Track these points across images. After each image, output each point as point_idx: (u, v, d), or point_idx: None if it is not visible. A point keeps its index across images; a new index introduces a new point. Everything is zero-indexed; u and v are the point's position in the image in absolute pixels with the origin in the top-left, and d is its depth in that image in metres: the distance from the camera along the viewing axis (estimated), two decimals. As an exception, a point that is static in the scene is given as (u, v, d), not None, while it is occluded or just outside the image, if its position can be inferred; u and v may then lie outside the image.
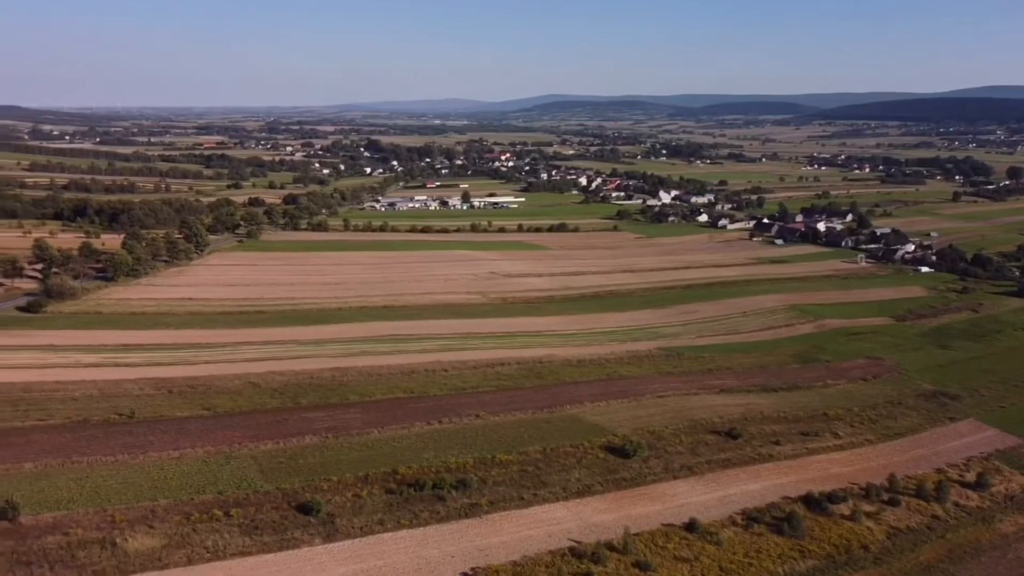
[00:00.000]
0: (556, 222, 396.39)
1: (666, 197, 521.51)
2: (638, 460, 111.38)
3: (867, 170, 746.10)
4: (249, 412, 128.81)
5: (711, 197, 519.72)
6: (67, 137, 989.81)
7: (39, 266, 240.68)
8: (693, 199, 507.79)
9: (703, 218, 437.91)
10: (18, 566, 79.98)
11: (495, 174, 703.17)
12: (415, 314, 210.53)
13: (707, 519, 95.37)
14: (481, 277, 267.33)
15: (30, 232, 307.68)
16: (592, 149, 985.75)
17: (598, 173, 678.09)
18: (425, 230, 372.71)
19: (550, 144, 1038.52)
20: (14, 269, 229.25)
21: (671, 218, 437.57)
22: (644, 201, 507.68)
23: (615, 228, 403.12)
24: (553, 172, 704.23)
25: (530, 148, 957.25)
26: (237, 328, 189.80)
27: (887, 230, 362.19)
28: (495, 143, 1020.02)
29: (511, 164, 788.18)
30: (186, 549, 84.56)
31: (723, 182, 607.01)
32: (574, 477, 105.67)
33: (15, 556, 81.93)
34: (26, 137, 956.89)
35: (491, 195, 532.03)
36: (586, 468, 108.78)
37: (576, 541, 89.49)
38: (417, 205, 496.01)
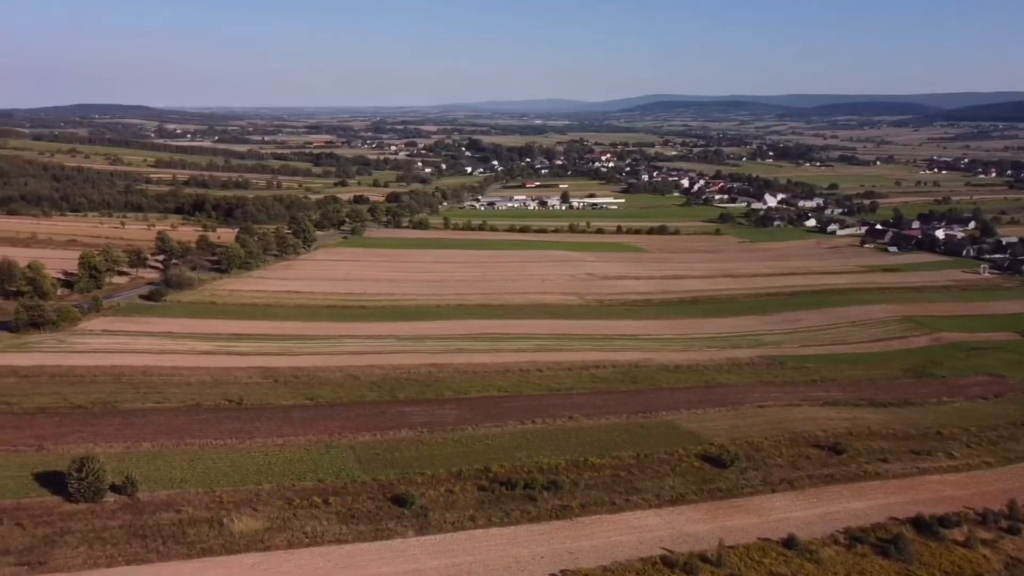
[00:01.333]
0: (656, 224, 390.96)
1: (772, 200, 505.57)
2: (735, 471, 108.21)
3: (993, 174, 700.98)
4: (349, 404, 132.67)
5: (820, 201, 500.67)
6: (189, 136, 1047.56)
7: (161, 257, 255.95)
8: (800, 203, 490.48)
9: (811, 223, 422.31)
10: (135, 539, 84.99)
11: (595, 175, 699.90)
12: (511, 313, 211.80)
13: (807, 536, 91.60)
14: (578, 278, 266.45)
15: (154, 225, 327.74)
16: (695, 150, 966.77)
17: (701, 175, 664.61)
18: (523, 230, 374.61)
19: (652, 145, 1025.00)
20: (139, 259, 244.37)
21: (776, 222, 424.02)
22: (748, 204, 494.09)
23: (717, 232, 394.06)
24: (654, 173, 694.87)
25: (631, 149, 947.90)
26: (340, 322, 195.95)
27: (1014, 239, 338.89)
28: (596, 143, 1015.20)
29: (611, 165, 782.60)
30: (287, 533, 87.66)
31: (833, 186, 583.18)
32: (668, 485, 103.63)
33: (132, 529, 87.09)
34: (152, 136, 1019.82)
35: (590, 196, 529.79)
36: (680, 476, 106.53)
37: (668, 550, 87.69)
38: (516, 205, 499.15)
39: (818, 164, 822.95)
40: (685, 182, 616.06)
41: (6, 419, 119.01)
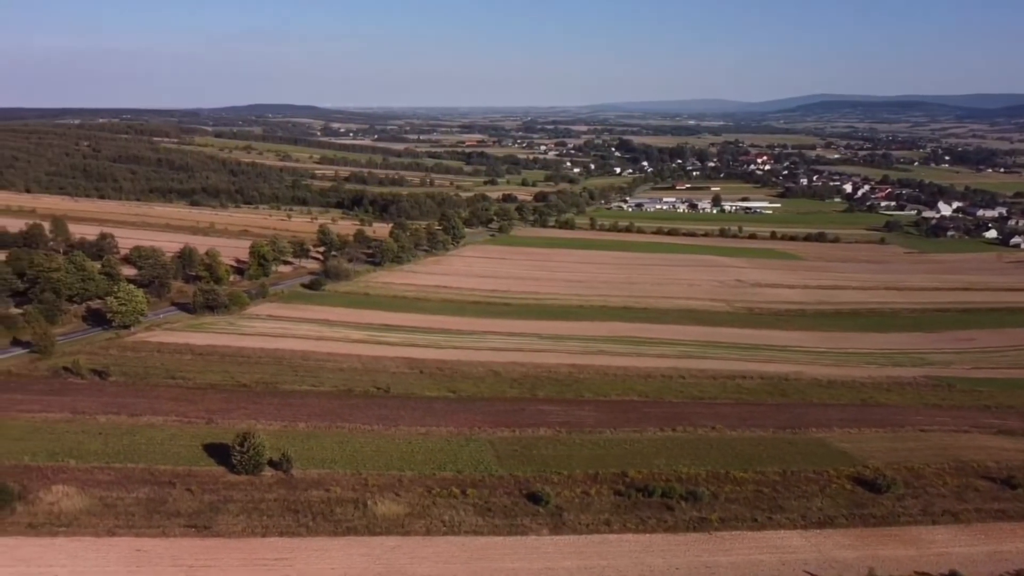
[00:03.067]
0: (814, 231, 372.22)
1: (946, 209, 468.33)
2: (891, 497, 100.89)
3: None
4: (490, 399, 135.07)
5: (1003, 211, 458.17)
6: (351, 134, 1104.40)
7: (321, 249, 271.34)
8: (980, 212, 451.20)
9: (991, 234, 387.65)
10: (288, 512, 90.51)
11: (749, 177, 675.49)
12: (655, 317, 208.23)
13: (971, 574, 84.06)
14: (727, 284, 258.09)
15: (316, 218, 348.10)
16: (861, 153, 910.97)
17: (865, 180, 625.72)
18: (672, 232, 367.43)
19: (813, 147, 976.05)
20: (302, 250, 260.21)
21: (950, 232, 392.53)
22: (919, 212, 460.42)
23: (882, 241, 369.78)
24: (814, 177, 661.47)
25: (790, 151, 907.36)
26: (484, 318, 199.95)
27: None
28: (751, 145, 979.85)
29: (767, 168, 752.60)
30: (425, 520, 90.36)
31: (1020, 194, 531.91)
32: (815, 505, 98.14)
33: (286, 503, 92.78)
34: (318, 134, 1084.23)
35: (744, 199, 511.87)
36: (829, 498, 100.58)
37: (812, 574, 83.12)
38: (665, 207, 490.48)
39: (1002, 170, 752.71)
40: (848, 187, 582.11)
41: (182, 393, 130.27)
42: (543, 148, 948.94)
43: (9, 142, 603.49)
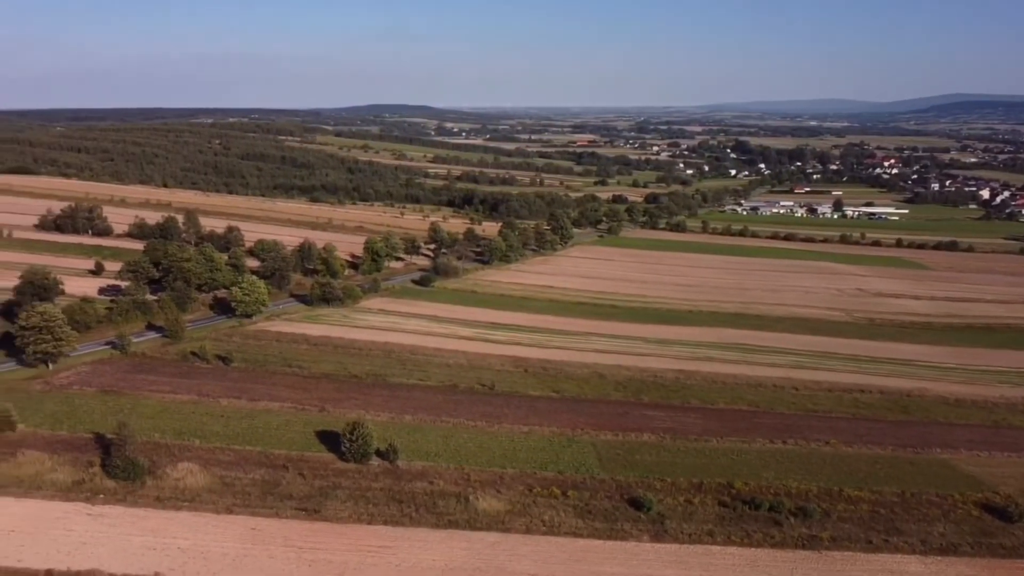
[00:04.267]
0: (945, 239, 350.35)
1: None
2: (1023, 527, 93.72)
3: None
4: (593, 400, 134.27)
5: None
6: (464, 134, 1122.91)
7: (432, 246, 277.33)
8: None
9: None
10: (392, 502, 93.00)
11: (874, 182, 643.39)
12: (767, 325, 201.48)
13: (1116, 619, 76.97)
14: (846, 293, 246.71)
15: (428, 216, 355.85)
16: (1001, 157, 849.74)
17: (1006, 185, 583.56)
18: (788, 238, 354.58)
19: (946, 150, 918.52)
20: (413, 247, 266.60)
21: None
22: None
23: (1022, 251, 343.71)
24: (947, 182, 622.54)
25: (920, 154, 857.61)
26: (589, 319, 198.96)
27: None
28: (878, 147, 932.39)
29: (895, 171, 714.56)
30: (526, 518, 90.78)
31: None
32: (937, 531, 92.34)
33: (391, 493, 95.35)
34: (432, 133, 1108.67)
35: (868, 204, 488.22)
36: (953, 524, 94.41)
37: (933, 605, 78.27)
38: (782, 211, 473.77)
39: None
40: (985, 193, 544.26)
41: (297, 381, 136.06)
42: (655, 149, 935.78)
43: (150, 140, 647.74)
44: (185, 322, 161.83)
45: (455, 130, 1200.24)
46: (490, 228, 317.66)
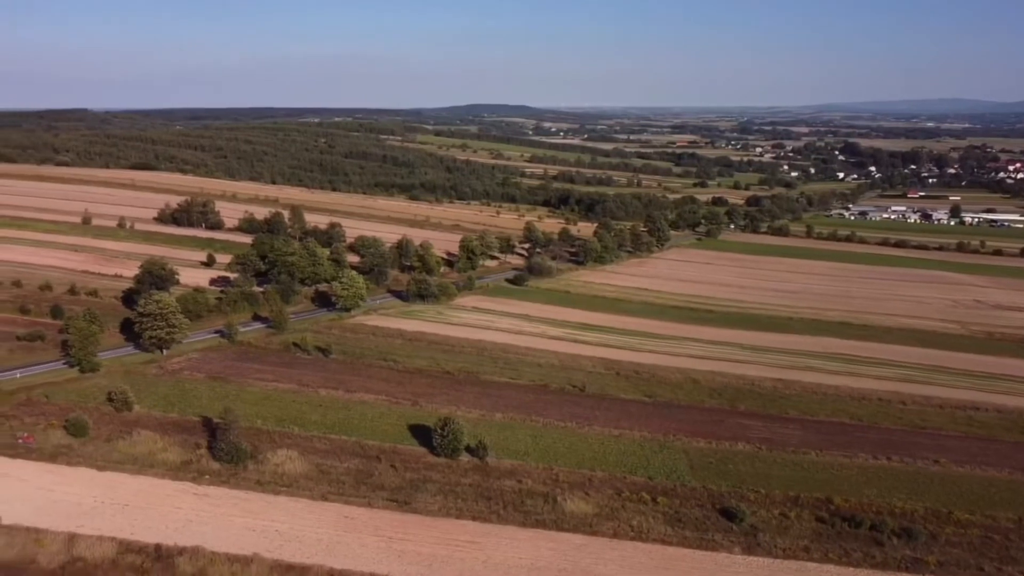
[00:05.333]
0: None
1: None
2: None
3: None
4: (686, 406, 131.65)
5: None
6: (561, 134, 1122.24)
7: (526, 245, 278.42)
8: None
9: None
10: (481, 498, 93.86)
11: (997, 187, 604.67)
12: (874, 335, 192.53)
13: None
14: (962, 304, 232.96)
15: (523, 215, 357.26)
16: None
17: None
18: (899, 244, 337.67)
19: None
20: (508, 246, 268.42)
21: None
22: None
23: None
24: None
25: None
26: (684, 323, 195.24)
27: None
28: (1002, 150, 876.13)
29: (1020, 176, 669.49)
30: (613, 522, 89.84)
31: None
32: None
33: (480, 489, 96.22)
34: (530, 133, 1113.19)
35: (989, 211, 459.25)
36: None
37: (1052, 642, 72.88)
38: (893, 216, 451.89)
39: None
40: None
41: (392, 374, 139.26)
42: (758, 150, 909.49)
43: (261, 138, 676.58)
44: (288, 314, 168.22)
45: (553, 130, 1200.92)
46: (585, 229, 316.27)
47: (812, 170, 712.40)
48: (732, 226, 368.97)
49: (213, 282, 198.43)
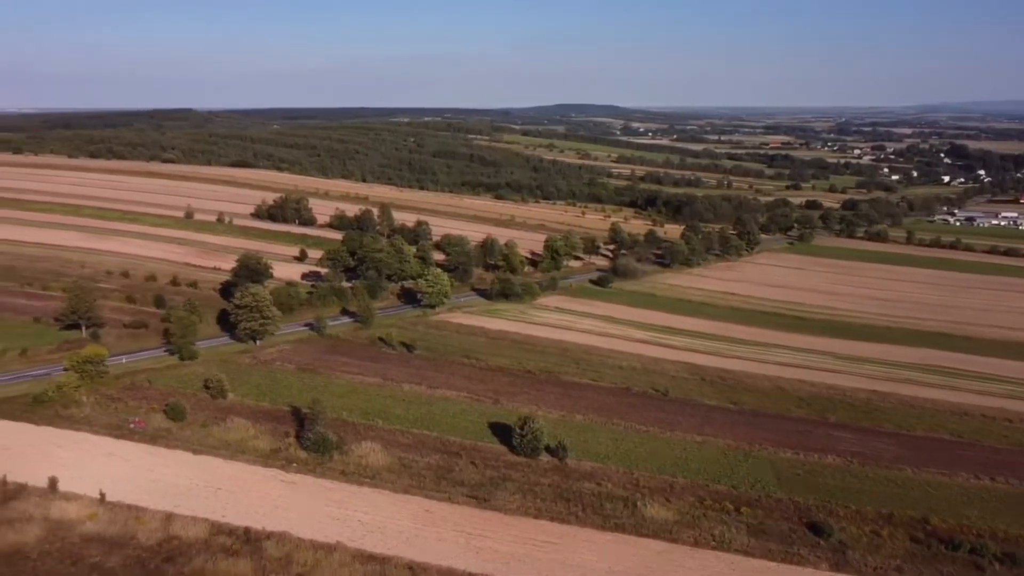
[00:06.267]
0: None
1: None
2: None
3: None
4: (773, 415, 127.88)
5: None
6: (649, 134, 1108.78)
7: (611, 246, 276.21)
8: None
9: None
10: (560, 499, 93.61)
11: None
12: (978, 348, 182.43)
13: None
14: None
15: (609, 216, 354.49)
16: None
17: None
18: (1009, 253, 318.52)
19: None
20: (592, 247, 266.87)
21: None
22: None
23: None
24: None
25: None
26: (773, 330, 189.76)
27: None
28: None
29: None
30: (694, 531, 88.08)
31: None
32: None
33: (559, 490, 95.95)
34: (617, 133, 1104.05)
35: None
36: None
37: None
38: (1003, 223, 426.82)
39: None
40: None
41: (474, 372, 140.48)
42: (857, 152, 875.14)
43: (353, 137, 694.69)
44: (375, 309, 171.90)
45: (641, 130, 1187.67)
46: (672, 230, 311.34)
47: (914, 173, 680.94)
48: (827, 231, 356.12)
49: (304, 276, 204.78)
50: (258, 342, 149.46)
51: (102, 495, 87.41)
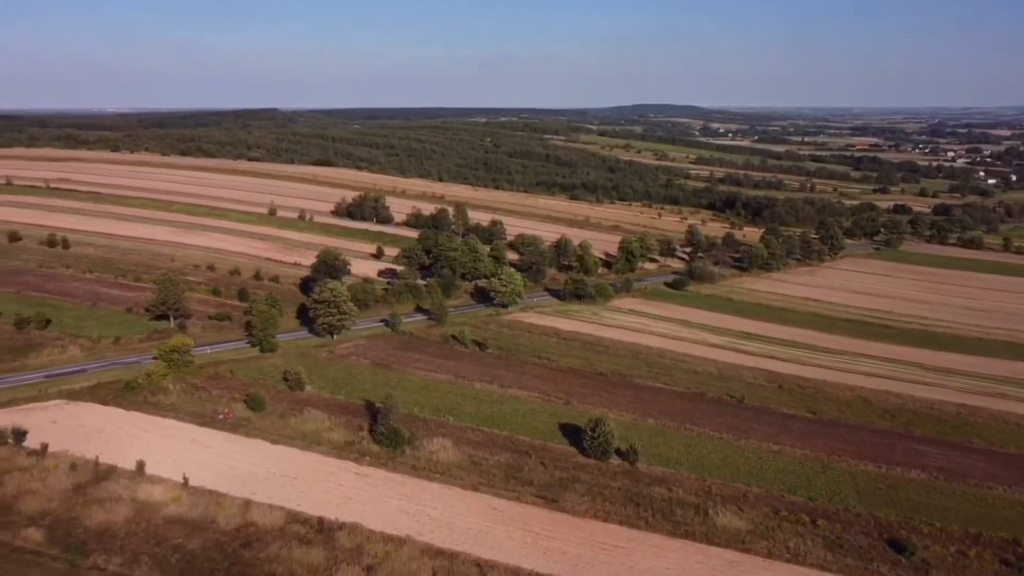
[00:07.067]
0: None
1: None
2: None
3: None
4: (855, 426, 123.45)
5: None
6: (729, 135, 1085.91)
7: (688, 249, 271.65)
8: None
9: None
10: (629, 503, 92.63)
11: None
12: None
13: None
14: None
15: (686, 218, 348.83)
16: None
17: None
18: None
19: None
20: (668, 249, 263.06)
21: None
22: None
23: None
24: None
25: None
26: (857, 338, 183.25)
27: None
28: None
29: None
30: (768, 541, 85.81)
31: None
32: None
33: (628, 494, 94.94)
34: (696, 134, 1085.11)
35: None
36: None
37: None
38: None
39: None
40: None
41: (545, 372, 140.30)
42: (951, 155, 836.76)
43: (430, 137, 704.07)
44: (448, 307, 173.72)
45: (721, 131, 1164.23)
46: (751, 234, 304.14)
47: (1013, 177, 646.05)
48: (916, 236, 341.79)
49: (381, 273, 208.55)
50: (335, 336, 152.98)
51: (185, 479, 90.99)
